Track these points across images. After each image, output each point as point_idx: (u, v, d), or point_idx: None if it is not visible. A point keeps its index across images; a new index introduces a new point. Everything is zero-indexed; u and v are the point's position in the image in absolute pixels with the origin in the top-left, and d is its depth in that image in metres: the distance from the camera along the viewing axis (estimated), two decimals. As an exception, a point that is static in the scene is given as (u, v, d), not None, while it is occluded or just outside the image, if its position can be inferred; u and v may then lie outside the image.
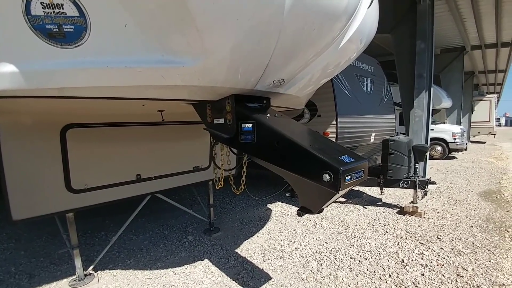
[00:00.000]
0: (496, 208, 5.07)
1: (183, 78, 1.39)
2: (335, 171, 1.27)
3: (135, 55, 1.28)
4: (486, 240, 3.72)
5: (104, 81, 1.33)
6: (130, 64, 1.28)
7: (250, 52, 1.36)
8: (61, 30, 1.20)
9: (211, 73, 1.40)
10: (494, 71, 17.41)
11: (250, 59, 1.40)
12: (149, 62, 1.30)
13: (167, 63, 1.30)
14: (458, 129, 11.16)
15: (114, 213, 4.83)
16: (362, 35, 2.03)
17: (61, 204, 2.54)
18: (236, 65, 1.41)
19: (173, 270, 3.15)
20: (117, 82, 1.35)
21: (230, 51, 1.30)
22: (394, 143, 4.96)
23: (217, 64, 1.35)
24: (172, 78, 1.37)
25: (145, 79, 1.36)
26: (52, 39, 1.22)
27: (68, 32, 1.21)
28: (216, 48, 1.27)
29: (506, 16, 8.76)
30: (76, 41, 1.23)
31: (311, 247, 3.67)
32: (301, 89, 2.09)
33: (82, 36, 1.22)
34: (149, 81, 1.38)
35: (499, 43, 11.52)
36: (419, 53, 6.82)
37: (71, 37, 1.22)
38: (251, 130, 1.68)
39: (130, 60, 1.28)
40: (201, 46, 1.25)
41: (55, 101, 1.61)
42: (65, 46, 1.24)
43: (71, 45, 1.24)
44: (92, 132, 2.73)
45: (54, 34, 1.21)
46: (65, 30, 1.20)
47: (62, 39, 1.22)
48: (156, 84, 1.40)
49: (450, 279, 2.86)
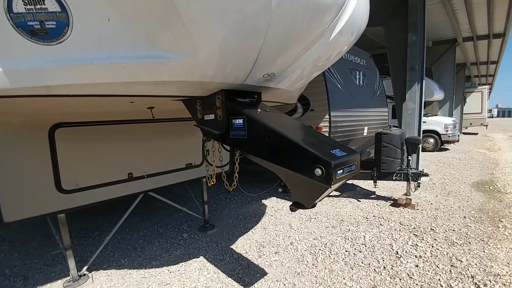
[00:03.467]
0: (489, 198, 5.15)
1: (170, 74, 1.35)
2: (326, 165, 1.26)
3: (120, 51, 1.24)
4: (480, 231, 3.78)
5: (88, 78, 1.29)
6: (114, 59, 1.24)
7: (239, 46, 1.33)
8: (43, 26, 1.17)
9: (199, 68, 1.37)
10: (486, 62, 17.56)
11: (238, 53, 1.37)
12: (135, 58, 1.26)
13: (153, 59, 1.27)
14: (450, 121, 11.28)
15: (108, 213, 4.78)
16: (352, 27, 2.01)
17: (52, 205, 2.49)
18: (224, 60, 1.38)
19: (168, 268, 3.13)
20: (102, 79, 1.31)
21: (218, 45, 1.27)
22: (386, 136, 4.99)
23: (205, 59, 1.31)
24: (159, 73, 1.34)
25: (131, 75, 1.32)
26: (34, 36, 1.18)
27: (50, 28, 1.17)
28: (203, 42, 1.24)
29: (498, 7, 8.79)
30: (58, 37, 1.19)
31: (306, 241, 3.69)
32: (292, 83, 2.07)
33: (64, 32, 1.18)
34: (135, 77, 1.34)
35: (491, 34, 11.60)
36: (411, 46, 6.84)
37: (54, 34, 1.18)
38: (242, 126, 1.65)
39: (114, 55, 1.24)
40: (187, 40, 1.21)
41: (41, 100, 1.57)
42: (48, 42, 1.20)
43: (54, 41, 1.20)
44: (81, 131, 2.68)
45: (36, 31, 1.17)
46: (47, 26, 1.17)
47: (44, 36, 1.18)
48: (142, 80, 1.37)
49: (444, 270, 2.89)
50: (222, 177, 2.36)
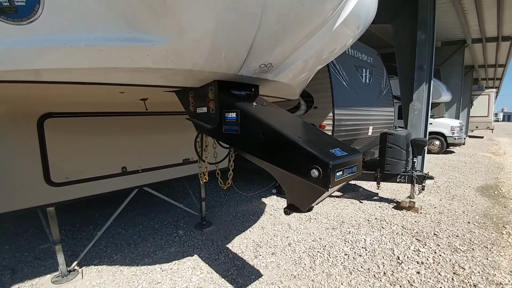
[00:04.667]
0: (494, 203, 4.97)
1: (154, 59, 1.23)
2: (324, 166, 1.13)
3: (97, 32, 1.12)
4: (484, 237, 3.62)
5: (63, 62, 1.17)
6: (90, 42, 1.12)
7: (230, 28, 1.19)
8: (12, 3, 1.05)
9: (186, 54, 1.24)
10: (494, 65, 17.17)
11: (230, 37, 1.24)
12: (113, 40, 1.14)
13: (134, 41, 1.14)
14: (456, 123, 11.03)
15: (104, 207, 4.70)
16: (358, 18, 1.87)
17: (40, 198, 2.40)
18: (214, 45, 1.24)
19: (161, 266, 3.03)
20: (77, 63, 1.19)
21: (206, 27, 1.14)
22: (392, 136, 4.83)
23: (192, 43, 1.19)
24: (142, 59, 1.22)
25: (110, 59, 1.20)
26: (2, 14, 1.06)
27: (20, 6, 1.05)
28: (190, 23, 1.11)
29: (508, 9, 8.52)
30: (29, 16, 1.07)
31: (305, 242, 3.56)
32: (293, 77, 1.93)
33: (35, 10, 1.06)
34: (115, 62, 1.22)
35: (500, 37, 11.28)
36: (420, 44, 6.64)
37: (23, 12, 1.06)
38: (235, 120, 1.53)
39: (90, 37, 1.12)
40: (172, 21, 1.08)
41: (18, 86, 1.45)
42: (18, 22, 1.08)
43: (24, 21, 1.08)
44: (72, 122, 2.58)
45: (5, 9, 1.05)
46: (16, 3, 1.05)
47: (14, 14, 1.06)
48: (123, 66, 1.24)
49: (446, 278, 2.76)
50: (216, 175, 2.24)
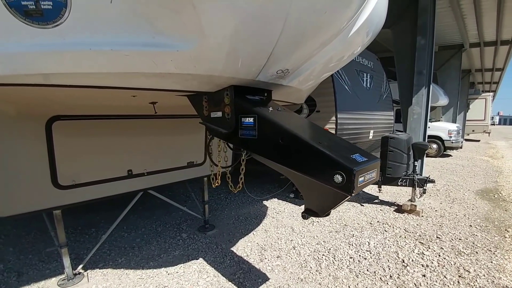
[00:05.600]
0: (494, 207, 5.03)
1: (177, 65, 1.24)
2: (348, 172, 1.14)
3: (123, 37, 1.12)
4: (486, 240, 3.67)
5: (86, 66, 1.18)
6: (116, 46, 1.13)
7: (254, 35, 1.21)
8: (38, 6, 1.05)
9: (209, 60, 1.25)
10: (491, 69, 17.39)
11: (253, 44, 1.25)
12: (139, 45, 1.15)
13: (159, 47, 1.15)
14: (454, 127, 11.16)
15: (106, 209, 4.67)
16: (370, 26, 1.90)
17: (47, 201, 2.38)
18: (237, 51, 1.26)
19: (166, 269, 3.02)
20: (101, 68, 1.20)
21: (231, 33, 1.15)
22: (393, 140, 4.88)
23: (215, 49, 1.20)
24: (165, 64, 1.22)
25: (134, 64, 1.21)
26: (28, 17, 1.06)
27: (46, 9, 1.05)
28: (216, 29, 1.12)
29: (508, 13, 8.62)
30: (55, 20, 1.07)
31: (309, 246, 3.57)
32: (305, 82, 1.95)
33: (61, 13, 1.06)
34: (138, 67, 1.22)
35: (498, 41, 11.44)
36: (419, 49, 6.72)
37: (49, 15, 1.06)
38: (252, 125, 1.54)
39: (116, 42, 1.12)
40: (198, 27, 1.09)
41: (35, 90, 1.45)
42: (43, 25, 1.08)
43: (50, 24, 1.08)
44: (80, 124, 2.57)
45: (31, 12, 1.05)
46: (43, 6, 1.04)
47: (40, 18, 1.06)
48: (146, 71, 1.25)
49: (452, 281, 2.78)
50: (226, 178, 2.24)
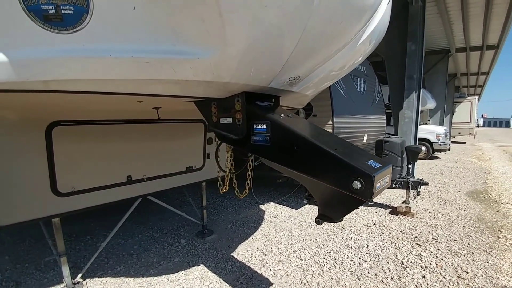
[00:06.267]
0: (486, 208, 5.19)
1: (195, 72, 1.23)
2: (367, 178, 1.16)
3: (143, 44, 1.11)
4: (481, 241, 3.77)
5: (105, 73, 1.16)
6: (137, 54, 1.11)
7: (273, 45, 1.22)
8: (59, 11, 1.02)
9: (228, 68, 1.25)
10: (476, 73, 18.02)
11: (271, 53, 1.26)
12: (159, 53, 1.14)
13: (179, 54, 1.14)
14: (442, 129, 11.47)
15: (100, 215, 4.56)
16: (376, 35, 1.94)
17: (47, 209, 2.31)
18: (256, 60, 1.26)
19: (167, 277, 2.97)
20: (120, 75, 1.18)
21: (252, 42, 1.16)
22: (388, 143, 4.98)
23: (236, 58, 1.20)
24: (184, 71, 1.22)
25: (153, 72, 1.20)
26: (47, 22, 1.03)
27: (67, 14, 1.03)
28: (238, 38, 1.12)
29: (495, 19, 8.96)
30: (75, 25, 1.05)
31: (309, 249, 3.59)
32: (312, 88, 1.97)
33: (82, 19, 1.04)
34: (157, 74, 1.21)
35: (484, 46, 11.87)
36: (410, 55, 6.91)
37: (70, 20, 1.04)
38: (265, 131, 1.54)
39: (137, 49, 1.11)
40: (221, 36, 1.09)
41: (44, 96, 1.41)
42: (62, 31, 1.05)
43: (69, 29, 1.05)
44: (80, 130, 2.51)
45: (51, 17, 1.02)
46: (63, 11, 1.02)
47: (59, 23, 1.04)
48: (164, 78, 1.24)
49: (451, 281, 2.85)
50: (233, 184, 2.24)
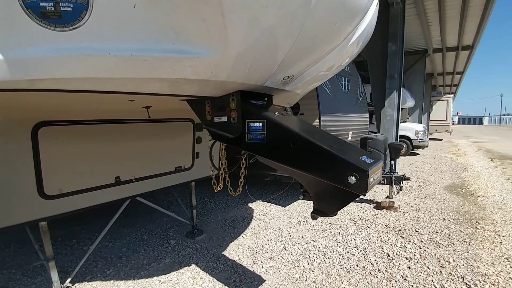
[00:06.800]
0: (463, 201, 5.47)
1: (194, 71, 1.24)
2: (362, 173, 1.22)
3: (143, 42, 1.11)
4: (461, 232, 3.99)
5: (103, 71, 1.14)
6: (136, 52, 1.11)
7: (271, 44, 1.25)
8: (57, 8, 1.00)
9: (227, 67, 1.27)
10: (452, 73, 18.93)
11: (269, 52, 1.29)
12: (158, 51, 1.14)
13: (179, 53, 1.15)
14: (420, 127, 11.95)
15: (85, 217, 4.43)
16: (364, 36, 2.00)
17: (34, 212, 2.23)
18: (254, 59, 1.29)
19: (159, 278, 2.94)
20: (118, 73, 1.17)
21: (252, 42, 1.18)
22: (372, 141, 5.15)
23: (235, 57, 1.22)
24: (183, 70, 1.22)
25: (152, 70, 1.19)
26: (45, 19, 1.00)
27: (65, 11, 1.01)
28: (238, 38, 1.14)
29: (470, 20, 9.47)
30: (73, 22, 1.03)
31: (299, 245, 3.66)
32: (304, 87, 2.02)
33: (81, 16, 1.03)
34: (156, 73, 1.21)
35: (460, 46, 12.51)
36: (391, 55, 7.16)
37: (68, 18, 1.02)
38: (261, 129, 1.57)
39: (136, 47, 1.11)
40: (222, 35, 1.11)
41: (34, 95, 1.37)
42: (60, 28, 1.03)
43: (67, 27, 1.03)
44: (67, 130, 2.43)
45: (49, 14, 1.00)
46: (62, 8, 1.00)
47: (57, 20, 1.02)
48: (163, 76, 1.24)
49: (435, 271, 3.00)
50: (226, 182, 2.25)
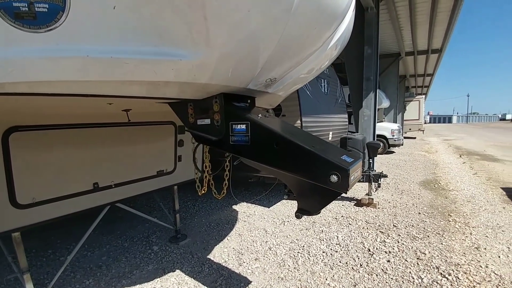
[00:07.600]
0: (436, 195, 5.77)
1: (177, 74, 1.23)
2: (343, 172, 1.26)
3: (124, 44, 1.09)
4: (434, 225, 4.20)
5: (81, 74, 1.11)
6: (117, 54, 1.09)
7: (253, 47, 1.27)
8: (32, 9, 0.96)
9: (209, 69, 1.27)
10: (423, 74, 19.95)
11: (251, 55, 1.31)
12: (140, 53, 1.12)
13: (162, 55, 1.14)
14: (395, 126, 12.46)
15: (60, 226, 4.24)
16: (342, 40, 2.07)
17: (6, 223, 2.10)
18: (237, 62, 1.30)
19: (142, 286, 2.87)
20: (97, 76, 1.14)
21: (235, 45, 1.20)
22: (351, 140, 5.30)
23: (218, 60, 1.22)
24: (165, 73, 1.21)
25: (133, 73, 1.17)
26: (18, 20, 0.96)
27: (41, 12, 0.97)
28: (221, 41, 1.15)
29: (438, 25, 10.06)
30: (49, 24, 0.99)
31: (284, 245, 3.70)
32: (286, 89, 2.06)
33: (57, 17, 0.99)
34: (137, 75, 1.19)
35: (429, 50, 13.21)
36: (367, 58, 7.40)
37: (44, 19, 0.98)
38: (245, 131, 1.58)
39: (117, 49, 1.08)
40: (204, 38, 1.11)
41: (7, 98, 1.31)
42: (34, 29, 0.99)
43: (42, 28, 0.99)
44: (40, 135, 2.32)
45: (22, 14, 0.96)
46: (37, 9, 0.96)
47: (31, 21, 0.97)
48: (144, 79, 1.22)
49: (412, 263, 3.14)
50: (210, 185, 2.24)
